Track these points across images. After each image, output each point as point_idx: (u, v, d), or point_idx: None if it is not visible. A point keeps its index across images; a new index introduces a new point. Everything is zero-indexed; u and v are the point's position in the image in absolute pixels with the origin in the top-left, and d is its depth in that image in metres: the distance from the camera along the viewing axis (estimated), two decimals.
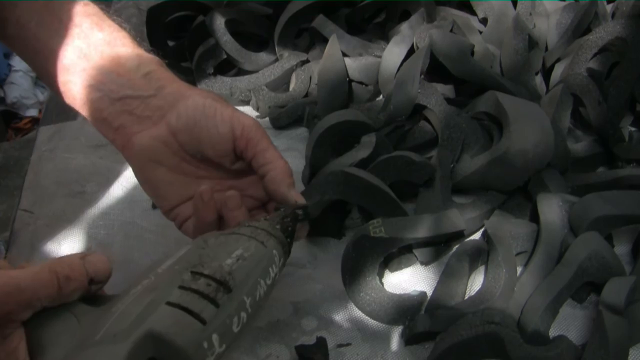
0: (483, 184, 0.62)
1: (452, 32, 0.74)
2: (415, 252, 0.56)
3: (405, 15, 0.77)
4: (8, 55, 1.86)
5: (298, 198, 0.49)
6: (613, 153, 0.66)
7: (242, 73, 0.78)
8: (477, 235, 0.60)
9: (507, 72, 0.72)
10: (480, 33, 0.76)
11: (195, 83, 0.76)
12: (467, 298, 0.54)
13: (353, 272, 0.52)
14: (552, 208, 0.56)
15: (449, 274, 0.54)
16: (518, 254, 0.56)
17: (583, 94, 0.67)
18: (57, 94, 0.50)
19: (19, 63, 1.86)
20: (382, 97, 0.74)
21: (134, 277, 0.38)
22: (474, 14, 0.81)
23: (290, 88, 0.77)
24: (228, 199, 0.49)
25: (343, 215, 0.61)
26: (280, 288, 0.56)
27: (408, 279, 0.57)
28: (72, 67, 0.48)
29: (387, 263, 0.57)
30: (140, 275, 0.37)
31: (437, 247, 0.57)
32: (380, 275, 0.56)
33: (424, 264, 0.57)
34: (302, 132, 0.73)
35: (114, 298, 0.35)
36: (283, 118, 0.73)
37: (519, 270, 0.55)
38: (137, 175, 0.50)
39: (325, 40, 0.73)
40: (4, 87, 1.89)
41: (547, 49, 0.77)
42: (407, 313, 0.52)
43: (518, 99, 0.64)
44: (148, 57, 0.50)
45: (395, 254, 0.56)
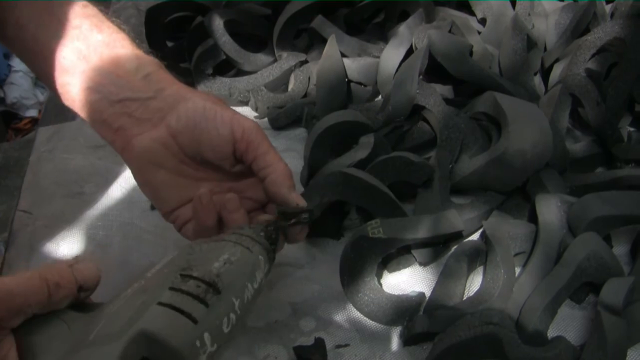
0: (482, 185, 0.62)
1: (450, 32, 0.74)
2: (414, 252, 0.56)
3: (404, 16, 0.77)
4: (8, 56, 1.86)
5: (299, 200, 0.49)
6: (612, 153, 0.66)
7: (241, 74, 0.78)
8: (475, 236, 0.60)
9: (505, 72, 0.72)
10: (479, 33, 0.76)
11: (194, 84, 0.76)
12: (465, 299, 0.54)
13: (351, 272, 0.52)
14: (550, 208, 0.56)
15: (448, 275, 0.54)
16: (516, 255, 0.56)
17: (582, 95, 0.67)
18: (56, 95, 0.50)
19: (19, 64, 1.86)
20: (380, 97, 0.74)
21: (133, 277, 0.38)
22: (473, 15, 0.81)
23: (289, 88, 0.77)
24: (227, 202, 0.49)
25: (341, 216, 0.61)
26: (279, 289, 0.56)
27: (406, 280, 0.57)
28: (71, 68, 0.48)
29: (385, 264, 0.57)
30: (130, 283, 0.37)
31: (435, 247, 0.57)
32: (379, 276, 0.56)
33: (423, 265, 0.57)
34: (300, 132, 0.73)
35: (103, 305, 0.36)
36: (282, 118, 0.73)
37: (518, 271, 0.55)
38: (136, 178, 0.50)
39: (324, 41, 0.73)
40: (4, 87, 1.89)
41: (545, 49, 0.77)
42: (405, 314, 0.52)
43: (517, 100, 0.64)
44: (147, 58, 0.50)
45: (394, 255, 0.56)
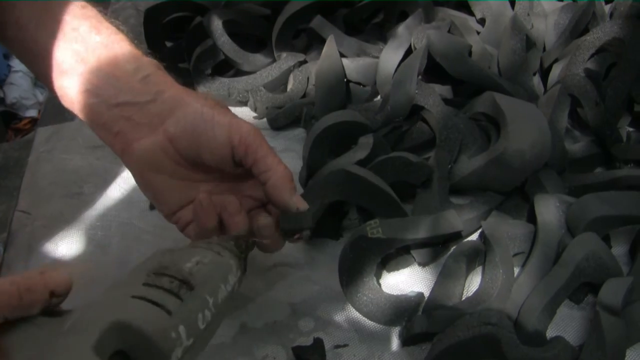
0: (480, 185, 0.62)
1: (449, 32, 0.74)
2: (413, 253, 0.56)
3: (403, 16, 0.77)
4: (7, 56, 1.86)
5: (300, 204, 0.49)
6: (611, 153, 0.66)
7: (239, 74, 0.78)
8: (474, 236, 0.60)
9: (504, 72, 0.72)
10: (478, 33, 0.76)
11: (193, 84, 0.76)
12: (464, 299, 0.54)
13: (350, 273, 0.52)
14: (549, 209, 0.56)
15: (447, 275, 0.54)
16: (515, 255, 0.56)
17: (580, 95, 0.67)
18: (55, 96, 0.50)
19: (19, 64, 1.86)
20: (379, 97, 0.74)
21: None
22: (472, 15, 0.81)
23: (288, 89, 0.77)
24: (228, 204, 0.49)
25: (340, 216, 0.61)
26: (278, 289, 0.56)
27: (405, 280, 0.57)
28: (69, 71, 0.47)
29: (384, 264, 0.57)
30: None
31: (434, 248, 0.57)
32: (378, 276, 0.56)
33: (422, 265, 0.57)
34: (299, 132, 0.73)
35: (74, 310, 0.36)
36: (280, 119, 0.73)
37: (516, 271, 0.55)
38: (137, 181, 0.50)
39: (323, 41, 0.73)
40: (4, 87, 1.89)
41: (544, 50, 0.77)
42: (404, 314, 0.52)
43: (515, 100, 0.64)
44: (146, 60, 0.49)
45: (393, 255, 0.56)
